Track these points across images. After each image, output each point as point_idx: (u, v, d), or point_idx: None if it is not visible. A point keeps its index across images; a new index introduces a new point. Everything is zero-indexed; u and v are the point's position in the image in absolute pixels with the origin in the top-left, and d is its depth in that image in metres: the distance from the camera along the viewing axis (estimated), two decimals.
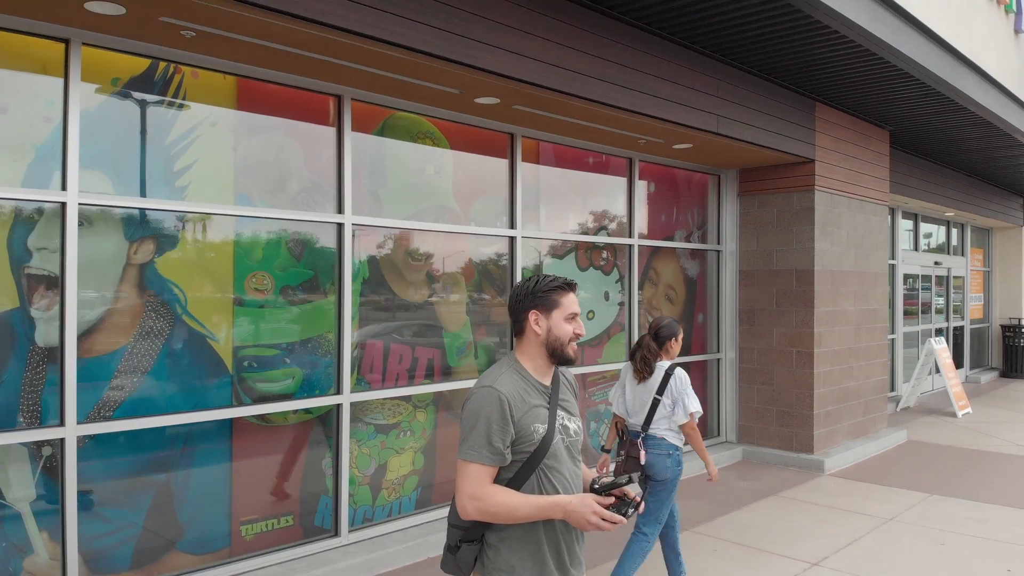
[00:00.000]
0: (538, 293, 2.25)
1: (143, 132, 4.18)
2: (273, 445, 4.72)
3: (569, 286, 2.29)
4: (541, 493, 2.16)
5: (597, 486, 2.18)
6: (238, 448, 4.55)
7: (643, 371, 4.31)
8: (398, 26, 3.98)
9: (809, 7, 5.06)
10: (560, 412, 2.26)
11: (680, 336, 4.43)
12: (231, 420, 4.50)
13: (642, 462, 4.19)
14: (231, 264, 4.53)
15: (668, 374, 4.25)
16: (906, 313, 11.88)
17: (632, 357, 4.44)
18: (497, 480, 2.14)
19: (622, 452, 4.35)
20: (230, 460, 4.53)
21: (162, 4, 3.43)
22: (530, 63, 4.69)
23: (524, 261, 6.18)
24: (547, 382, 2.29)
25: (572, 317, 2.26)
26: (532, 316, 2.25)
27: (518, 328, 2.28)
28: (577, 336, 2.27)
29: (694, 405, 4.21)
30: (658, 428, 4.26)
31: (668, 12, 5.24)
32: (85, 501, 3.95)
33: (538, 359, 2.26)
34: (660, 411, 4.24)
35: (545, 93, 4.95)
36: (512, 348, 2.37)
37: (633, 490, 2.18)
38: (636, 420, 4.36)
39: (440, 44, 4.18)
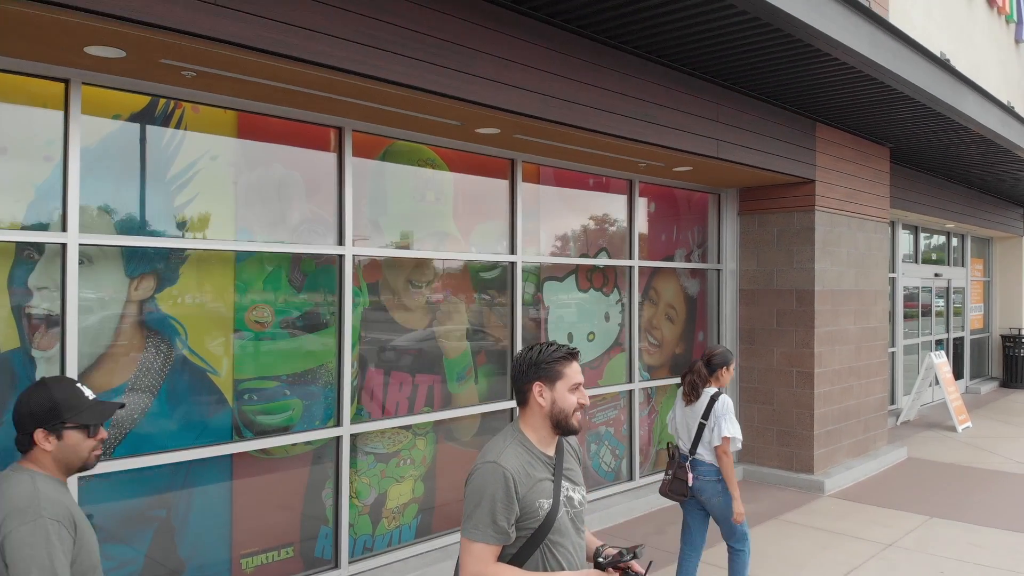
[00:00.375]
0: (541, 364, 2.25)
1: (143, 168, 4.18)
2: (273, 477, 4.72)
3: (572, 355, 2.28)
4: (545, 569, 2.16)
5: (601, 559, 2.18)
6: (238, 480, 4.55)
7: (691, 395, 4.50)
8: (398, 65, 3.97)
9: (809, 37, 5.06)
10: (564, 483, 2.26)
11: (732, 366, 4.58)
12: (231, 453, 4.50)
13: (689, 484, 4.42)
14: (232, 297, 4.53)
15: (713, 399, 4.41)
16: (906, 316, 11.87)
17: (682, 380, 4.60)
18: (501, 556, 2.14)
19: (669, 472, 4.55)
20: (230, 492, 4.53)
21: (162, 48, 3.43)
22: (531, 96, 4.69)
23: (524, 285, 6.18)
24: (551, 452, 2.29)
25: (576, 387, 2.26)
26: (536, 388, 2.24)
27: (521, 399, 2.28)
28: (581, 406, 2.27)
29: (730, 430, 4.32)
30: (704, 453, 4.41)
31: (669, 42, 5.23)
32: None
33: (542, 430, 2.26)
34: (705, 435, 4.40)
35: (546, 125, 4.95)
36: (515, 418, 2.36)
37: (639, 563, 2.18)
38: (684, 443, 4.55)
39: (441, 81, 4.17)
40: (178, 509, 4.31)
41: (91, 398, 2.31)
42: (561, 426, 2.25)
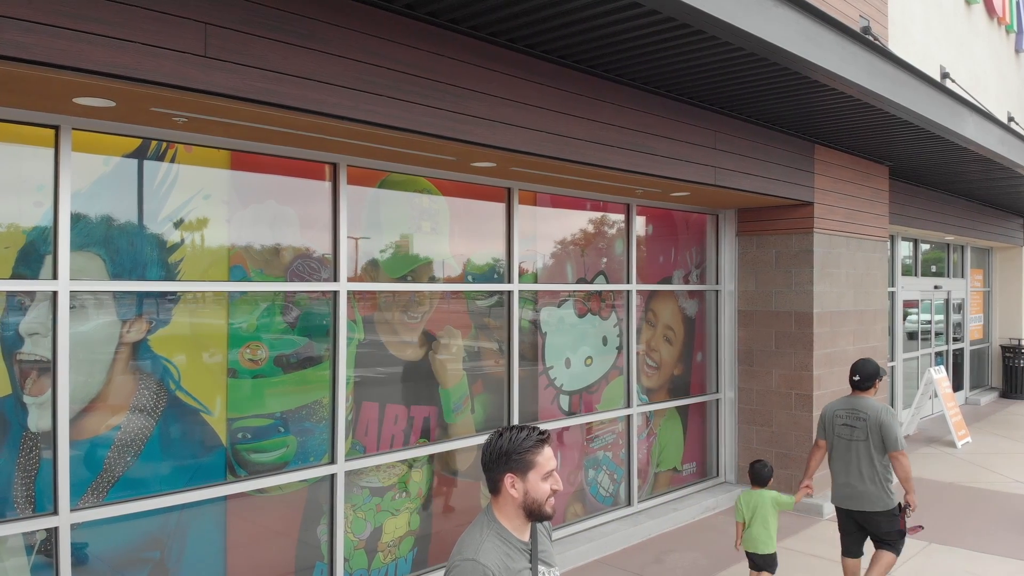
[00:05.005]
0: (512, 455, 2.20)
1: (135, 209, 4.15)
2: (267, 514, 4.69)
3: (543, 441, 2.24)
4: None
5: None
6: (232, 519, 4.53)
7: None
8: (392, 108, 3.94)
9: (808, 70, 5.02)
10: (541, 567, 2.24)
11: None
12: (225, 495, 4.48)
13: None
14: (225, 336, 4.50)
15: None
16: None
17: None
18: None
19: None
20: (224, 531, 4.50)
21: (152, 99, 3.40)
22: (526, 132, 4.66)
23: (522, 311, 6.15)
24: (527, 538, 2.26)
25: (548, 474, 2.22)
26: (508, 480, 2.21)
27: (493, 487, 2.25)
28: (555, 492, 2.24)
29: None
30: None
31: (666, 74, 5.19)
32: None
33: (516, 519, 2.24)
34: None
35: (541, 160, 4.92)
36: (489, 504, 2.33)
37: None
38: None
39: (434, 123, 4.14)
40: (172, 550, 4.29)
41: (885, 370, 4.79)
42: (534, 515, 2.22)
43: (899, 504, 4.98)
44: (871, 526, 5.02)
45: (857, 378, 5.05)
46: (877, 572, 4.99)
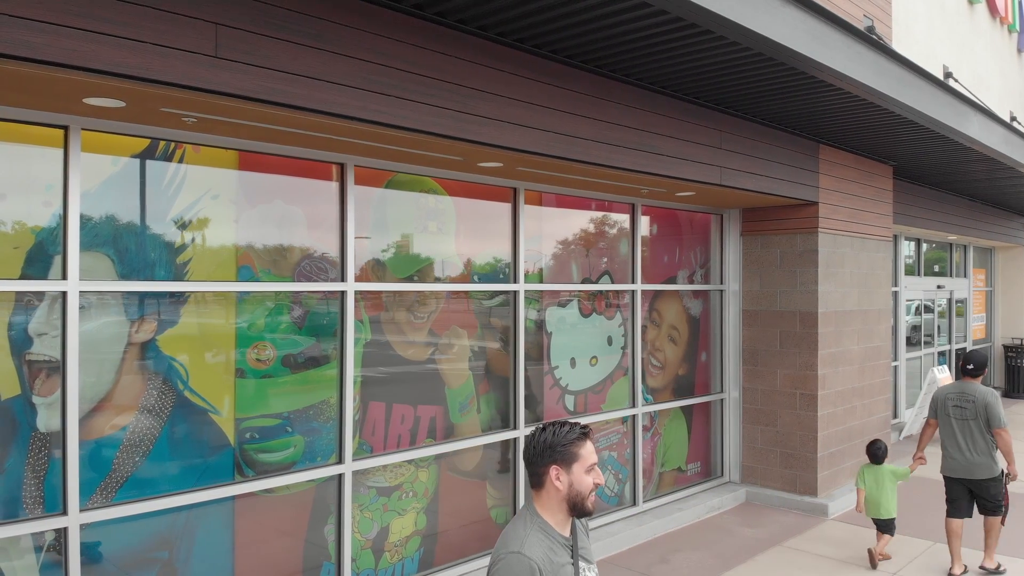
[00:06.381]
0: (557, 447, 2.22)
1: (144, 209, 4.15)
2: (275, 514, 4.70)
3: (585, 435, 2.26)
4: None
5: None
6: (240, 518, 4.54)
7: None
8: (399, 108, 3.95)
9: (813, 69, 5.02)
10: (581, 563, 2.25)
11: None
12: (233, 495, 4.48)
13: None
14: (233, 336, 4.50)
15: None
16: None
17: None
18: None
19: None
20: (232, 531, 4.51)
21: (162, 99, 3.40)
22: (533, 132, 4.66)
23: (527, 311, 6.15)
24: (567, 533, 2.27)
25: (591, 468, 2.24)
26: (553, 471, 2.22)
27: (536, 481, 2.25)
28: (597, 487, 2.25)
29: None
30: None
31: (673, 74, 5.19)
32: None
33: (559, 513, 2.25)
34: None
35: (548, 160, 4.93)
36: (529, 499, 2.33)
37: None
38: None
39: (442, 123, 4.15)
40: (180, 550, 4.29)
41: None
42: (577, 508, 2.23)
43: (1002, 471, 5.62)
44: (981, 491, 5.73)
45: (971, 367, 5.84)
46: (993, 538, 5.84)
